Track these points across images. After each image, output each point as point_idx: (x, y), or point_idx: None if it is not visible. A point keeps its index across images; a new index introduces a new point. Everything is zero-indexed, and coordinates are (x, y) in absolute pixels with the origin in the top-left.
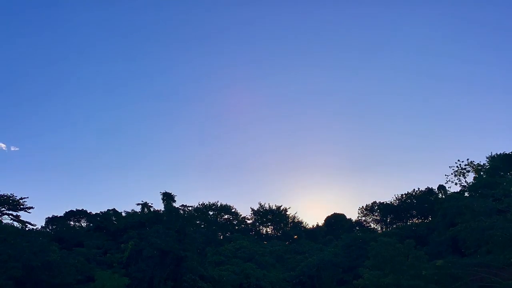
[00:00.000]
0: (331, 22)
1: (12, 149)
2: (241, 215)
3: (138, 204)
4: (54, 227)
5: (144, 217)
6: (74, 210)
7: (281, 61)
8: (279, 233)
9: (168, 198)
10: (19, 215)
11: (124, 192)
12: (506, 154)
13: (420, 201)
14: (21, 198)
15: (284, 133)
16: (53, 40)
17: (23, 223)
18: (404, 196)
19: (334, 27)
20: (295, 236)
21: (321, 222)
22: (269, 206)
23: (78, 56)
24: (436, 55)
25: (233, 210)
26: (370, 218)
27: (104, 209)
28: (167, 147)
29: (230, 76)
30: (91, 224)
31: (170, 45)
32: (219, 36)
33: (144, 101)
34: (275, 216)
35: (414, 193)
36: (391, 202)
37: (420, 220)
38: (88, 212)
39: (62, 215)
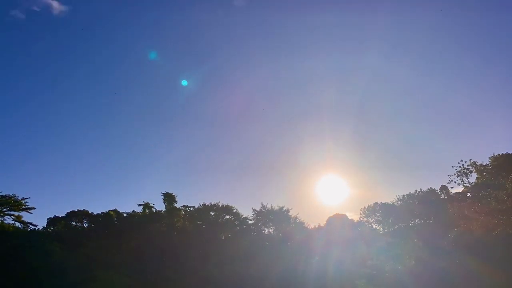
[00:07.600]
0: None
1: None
2: (242, 215)
3: (139, 205)
4: (55, 227)
5: (146, 218)
6: (76, 210)
7: (283, 60)
8: (281, 233)
9: (169, 198)
10: (21, 216)
11: (125, 192)
12: (509, 154)
13: (422, 202)
14: (23, 199)
15: (285, 133)
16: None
17: (25, 223)
18: (406, 196)
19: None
20: (297, 237)
21: (322, 223)
22: (271, 207)
23: (79, 55)
24: (438, 55)
25: (234, 211)
26: (372, 218)
27: (105, 209)
28: (168, 147)
29: (231, 75)
30: (92, 225)
31: (169, 45)
32: (222, 36)
33: (144, 101)
34: (276, 216)
35: (416, 194)
36: (393, 203)
37: (422, 221)
38: (90, 212)
39: (63, 215)
